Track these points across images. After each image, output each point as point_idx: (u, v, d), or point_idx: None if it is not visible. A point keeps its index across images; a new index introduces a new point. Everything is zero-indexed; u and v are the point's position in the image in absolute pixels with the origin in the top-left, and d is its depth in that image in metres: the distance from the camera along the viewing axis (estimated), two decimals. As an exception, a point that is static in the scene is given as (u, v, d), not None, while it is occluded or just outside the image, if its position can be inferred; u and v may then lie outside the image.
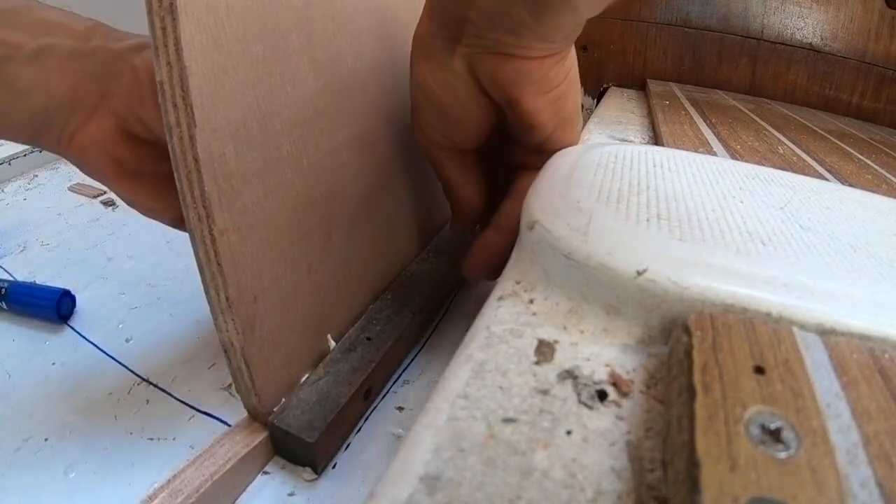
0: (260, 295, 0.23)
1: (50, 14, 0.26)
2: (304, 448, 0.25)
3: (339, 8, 0.26)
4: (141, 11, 0.18)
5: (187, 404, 0.30)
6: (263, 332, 0.24)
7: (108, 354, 0.34)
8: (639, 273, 0.15)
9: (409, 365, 0.33)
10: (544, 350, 0.15)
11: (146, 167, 0.28)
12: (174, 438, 0.28)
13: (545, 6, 0.21)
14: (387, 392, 0.31)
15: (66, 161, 0.28)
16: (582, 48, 0.72)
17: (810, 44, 0.67)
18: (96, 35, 0.27)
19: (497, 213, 0.30)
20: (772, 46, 0.68)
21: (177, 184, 0.20)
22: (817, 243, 0.18)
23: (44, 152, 0.59)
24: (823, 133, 0.50)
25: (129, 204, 0.30)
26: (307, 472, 0.26)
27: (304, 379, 0.28)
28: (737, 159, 0.35)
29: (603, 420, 0.13)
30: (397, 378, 0.32)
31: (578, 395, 0.14)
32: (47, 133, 0.26)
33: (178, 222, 0.30)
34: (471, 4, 0.22)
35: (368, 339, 0.31)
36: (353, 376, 0.28)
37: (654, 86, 0.63)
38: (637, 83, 0.70)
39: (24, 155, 0.58)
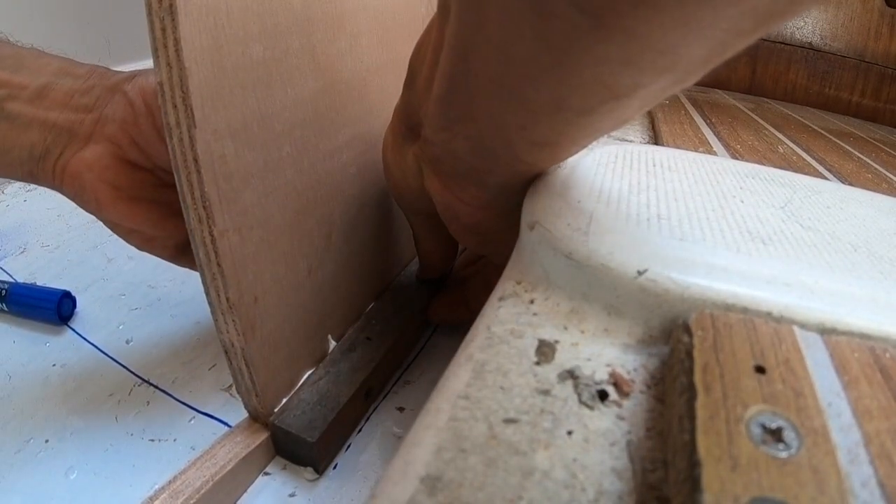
0: (260, 296, 0.23)
1: (53, 60, 0.28)
2: (305, 448, 0.25)
3: (339, 9, 0.26)
4: (140, 12, 0.18)
5: (188, 405, 0.30)
6: (264, 332, 0.24)
7: (108, 356, 0.34)
8: (639, 273, 0.15)
9: (409, 365, 0.33)
10: (545, 350, 0.15)
11: (144, 193, 0.28)
12: (175, 439, 0.28)
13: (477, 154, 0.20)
14: (387, 392, 0.31)
15: None
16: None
17: (810, 43, 0.67)
18: (94, 76, 0.28)
19: (464, 285, 0.33)
20: (772, 46, 0.68)
21: (177, 185, 0.20)
22: (818, 242, 0.18)
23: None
24: (823, 132, 0.50)
25: (128, 236, 0.30)
26: (308, 472, 0.26)
27: (304, 379, 0.28)
28: (737, 159, 0.35)
29: (604, 420, 0.13)
30: (398, 378, 0.32)
31: (579, 395, 0.14)
32: (44, 165, 0.27)
33: (179, 254, 0.30)
34: (424, 113, 0.22)
35: (368, 338, 0.31)
36: (354, 376, 0.28)
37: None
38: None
39: (25, 156, 0.58)
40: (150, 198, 0.28)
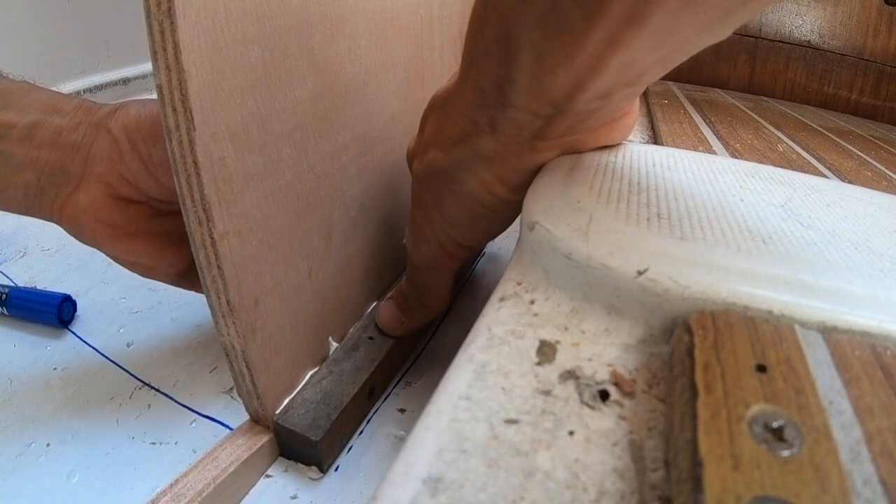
0: (261, 298, 0.23)
1: (41, 95, 0.28)
2: (309, 446, 0.25)
3: (338, 11, 0.26)
4: (140, 14, 0.18)
5: (189, 408, 0.30)
6: (265, 335, 0.24)
7: (109, 359, 0.34)
8: (640, 272, 0.15)
9: (410, 367, 0.33)
10: (546, 350, 0.15)
11: (140, 227, 0.28)
12: (176, 442, 0.28)
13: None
14: (389, 394, 0.31)
15: None
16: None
17: (809, 41, 0.67)
18: (80, 111, 0.28)
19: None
20: (770, 44, 0.68)
21: (176, 187, 0.20)
22: (818, 241, 0.18)
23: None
24: (823, 130, 0.50)
25: (130, 266, 0.30)
26: (312, 471, 0.26)
27: (307, 378, 0.28)
28: (736, 157, 0.35)
29: (605, 420, 0.13)
30: (399, 380, 0.32)
31: (580, 395, 0.14)
32: (40, 205, 0.28)
33: (181, 279, 0.31)
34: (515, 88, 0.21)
35: (371, 338, 0.31)
36: (357, 375, 0.28)
37: (652, 85, 0.63)
38: (636, 82, 0.70)
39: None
40: (147, 230, 0.29)
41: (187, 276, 0.31)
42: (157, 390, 0.31)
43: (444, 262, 0.28)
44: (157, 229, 0.29)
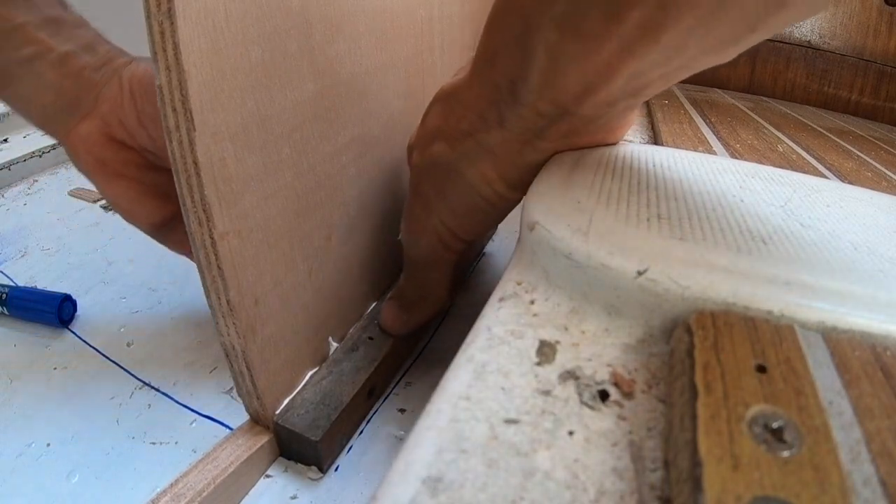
0: (261, 298, 0.23)
1: (87, 33, 0.31)
2: (308, 447, 0.25)
3: (337, 11, 0.26)
4: (140, 15, 0.18)
5: (189, 408, 0.30)
6: (265, 335, 0.24)
7: (109, 359, 0.34)
8: (640, 273, 0.15)
9: (410, 367, 0.33)
10: (546, 351, 0.15)
11: (128, 171, 0.31)
12: (176, 442, 0.28)
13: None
14: (388, 394, 0.31)
15: (65, 166, 0.30)
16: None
17: (809, 41, 0.67)
18: (109, 55, 0.31)
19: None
20: (770, 44, 0.68)
21: (177, 188, 0.20)
22: (818, 241, 0.18)
23: (43, 157, 0.59)
24: (823, 131, 0.50)
25: (113, 207, 0.32)
26: (312, 471, 0.26)
27: (307, 378, 0.28)
28: (736, 158, 0.35)
29: (605, 420, 0.13)
30: (399, 380, 0.32)
31: (580, 395, 0.14)
32: (53, 127, 0.31)
33: (156, 231, 0.33)
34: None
35: (370, 338, 0.31)
36: (357, 375, 0.28)
37: (652, 85, 0.63)
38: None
39: (24, 160, 0.58)
40: (135, 177, 0.31)
41: (161, 231, 0.33)
42: (158, 390, 0.31)
43: (443, 254, 0.29)
44: (143, 179, 0.31)
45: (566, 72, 0.18)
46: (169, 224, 0.32)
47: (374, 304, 0.34)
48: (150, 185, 0.31)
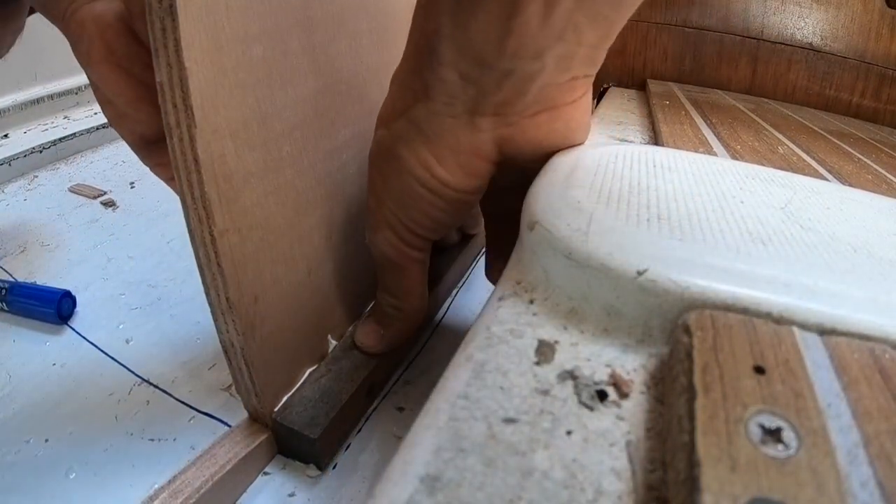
0: (260, 296, 0.23)
1: None
2: (307, 444, 0.25)
3: (339, 9, 0.26)
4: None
5: (188, 405, 0.30)
6: (264, 332, 0.24)
7: (108, 355, 0.34)
8: (639, 273, 0.15)
9: (409, 365, 0.33)
10: (545, 350, 0.15)
11: (133, 68, 0.28)
12: (175, 439, 0.28)
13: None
14: (387, 392, 0.31)
15: (66, 162, 0.28)
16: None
17: (810, 44, 0.67)
18: None
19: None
20: (772, 46, 0.68)
21: (177, 184, 0.20)
22: (818, 243, 0.18)
23: (44, 153, 0.59)
24: (823, 133, 0.50)
25: (104, 104, 0.29)
26: (310, 469, 0.26)
27: (305, 376, 0.28)
28: (737, 159, 0.35)
29: (603, 420, 0.13)
30: (398, 378, 0.32)
31: (579, 395, 0.14)
32: (59, 2, 0.27)
33: (141, 144, 0.30)
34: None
35: (369, 338, 0.31)
36: (355, 373, 0.28)
37: (654, 86, 0.63)
38: (637, 83, 0.70)
39: (25, 156, 0.58)
40: (139, 77, 0.28)
41: (148, 147, 0.30)
42: (156, 387, 0.31)
43: (404, 252, 0.27)
44: (146, 80, 0.28)
45: (472, 10, 0.18)
46: (155, 142, 0.29)
47: (373, 303, 0.34)
48: (150, 90, 0.27)
